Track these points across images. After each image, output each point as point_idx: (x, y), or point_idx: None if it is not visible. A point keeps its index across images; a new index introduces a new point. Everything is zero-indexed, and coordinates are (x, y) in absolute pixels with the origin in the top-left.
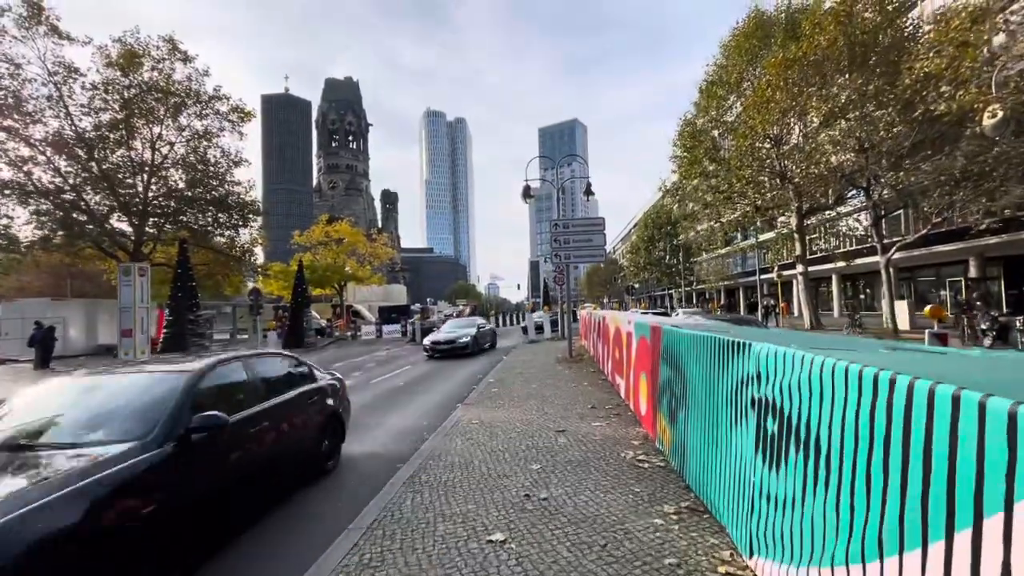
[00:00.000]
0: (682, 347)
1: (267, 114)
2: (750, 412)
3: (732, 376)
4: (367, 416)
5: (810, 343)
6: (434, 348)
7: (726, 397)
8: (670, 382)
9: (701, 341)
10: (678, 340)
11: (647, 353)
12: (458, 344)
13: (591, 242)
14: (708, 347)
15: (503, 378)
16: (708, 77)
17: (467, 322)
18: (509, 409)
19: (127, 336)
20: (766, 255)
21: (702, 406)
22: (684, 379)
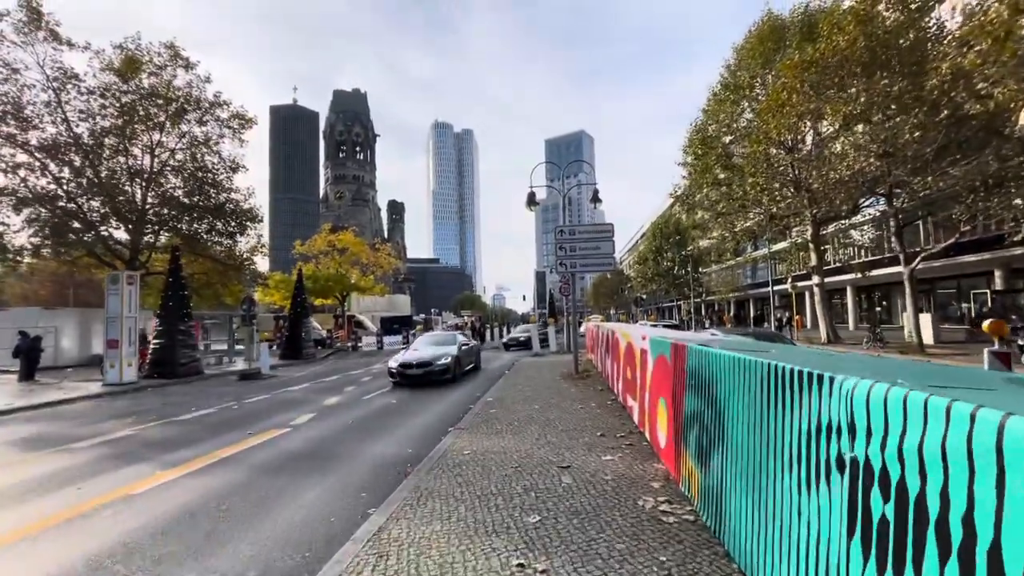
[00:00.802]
0: (718, 372)
1: (275, 125)
2: (836, 477)
3: (801, 420)
4: (348, 442)
5: (900, 374)
6: (402, 373)
7: (790, 447)
8: (699, 414)
9: (748, 367)
10: (711, 363)
11: (667, 375)
12: (435, 368)
13: (599, 250)
14: (759, 376)
15: (503, 397)
16: (721, 81)
17: (446, 337)
18: (507, 436)
19: (113, 348)
20: (778, 266)
21: (749, 452)
22: (720, 413)
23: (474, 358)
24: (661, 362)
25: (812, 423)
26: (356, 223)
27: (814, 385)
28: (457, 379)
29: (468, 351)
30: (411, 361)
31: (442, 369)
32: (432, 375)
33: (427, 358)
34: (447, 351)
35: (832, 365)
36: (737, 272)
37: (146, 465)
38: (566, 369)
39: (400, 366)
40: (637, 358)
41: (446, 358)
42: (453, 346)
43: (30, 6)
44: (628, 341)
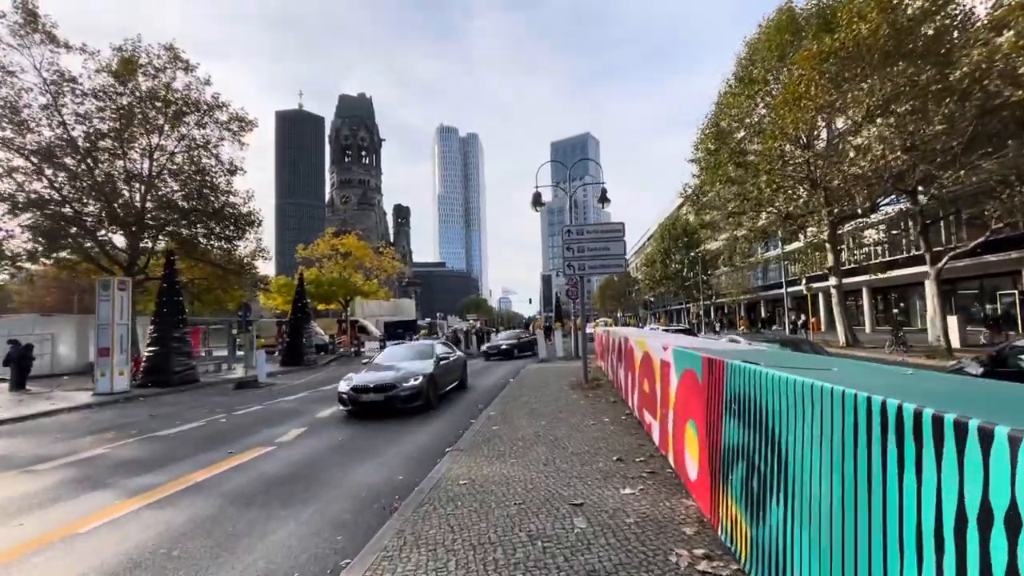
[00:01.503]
0: (774, 400)
1: (281, 130)
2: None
3: (938, 493)
4: (335, 465)
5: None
6: (356, 399)
7: (912, 527)
8: (746, 449)
9: (827, 398)
10: (763, 386)
11: (697, 395)
12: (400, 392)
13: (608, 251)
14: (848, 412)
15: (507, 411)
16: (735, 74)
17: (420, 349)
18: (510, 460)
19: (104, 356)
20: (791, 267)
21: (831, 511)
22: (780, 452)
23: (458, 374)
24: (689, 379)
25: (965, 499)
26: (362, 227)
27: (949, 438)
28: (433, 404)
29: (448, 367)
30: (367, 383)
31: (410, 394)
32: (396, 401)
33: (389, 379)
34: (418, 368)
35: (949, 396)
36: (747, 274)
37: (108, 493)
38: (575, 378)
39: (353, 390)
40: (656, 370)
41: (415, 378)
42: (428, 360)
43: (25, 8)
44: (645, 350)
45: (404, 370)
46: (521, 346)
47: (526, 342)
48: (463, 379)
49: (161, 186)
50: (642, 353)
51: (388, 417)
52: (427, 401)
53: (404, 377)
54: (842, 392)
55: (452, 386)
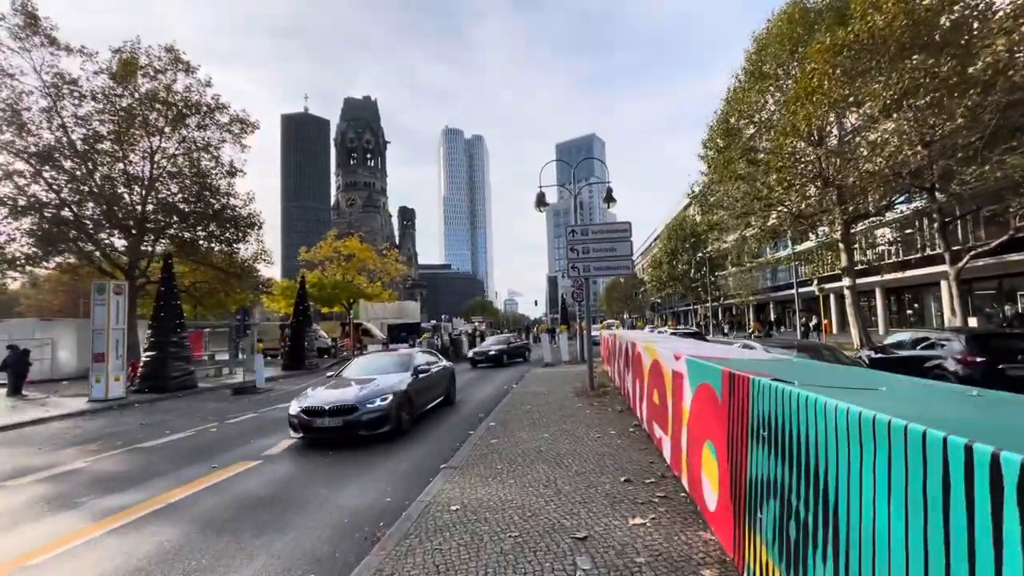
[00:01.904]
0: (819, 432)
1: (287, 133)
2: None
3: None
4: (320, 483)
5: None
6: (308, 424)
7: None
8: (781, 484)
9: (889, 434)
10: (804, 412)
11: (716, 413)
12: (363, 415)
13: (614, 252)
14: (915, 457)
15: (507, 420)
16: (744, 68)
17: (394, 361)
18: (507, 481)
19: (99, 361)
20: (801, 267)
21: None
22: (830, 501)
23: (443, 387)
24: (706, 394)
25: None
26: (368, 230)
27: None
28: (405, 428)
29: (430, 380)
30: (322, 404)
31: (375, 417)
32: (358, 427)
33: (349, 399)
34: (389, 384)
35: None
36: (756, 275)
37: (74, 515)
38: (580, 384)
39: (305, 413)
40: (668, 382)
41: (383, 397)
42: (403, 373)
43: (25, 10)
44: (654, 358)
45: (371, 386)
46: (511, 352)
47: (517, 347)
48: (450, 393)
49: (161, 189)
50: (651, 361)
51: None
52: (398, 425)
53: (369, 396)
54: (905, 428)
55: (436, 402)
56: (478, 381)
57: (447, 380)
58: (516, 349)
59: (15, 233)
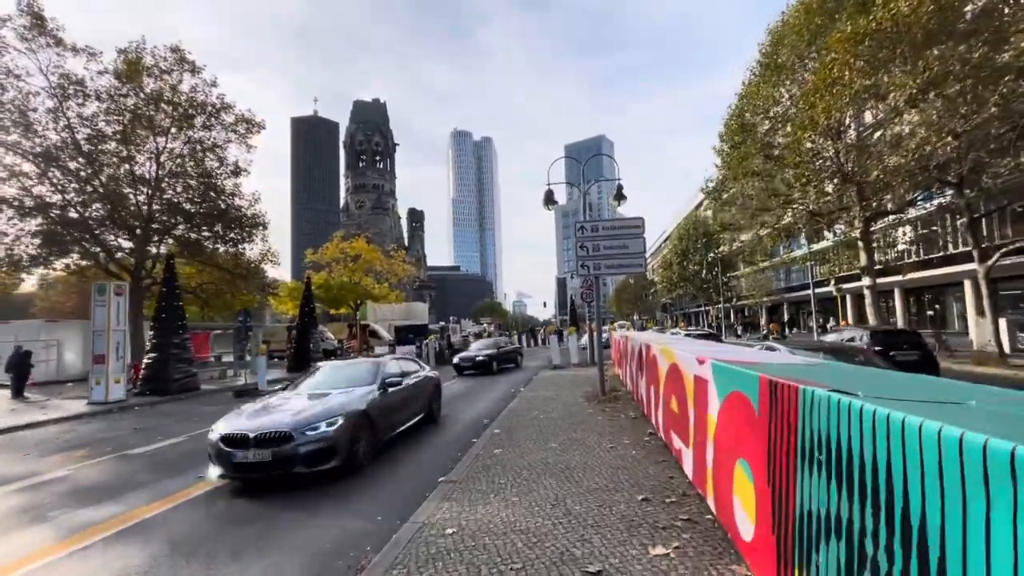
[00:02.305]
0: (905, 462)
1: (296, 136)
2: None
3: None
4: (308, 497)
5: None
6: (230, 458)
7: None
8: (850, 526)
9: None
10: (880, 435)
11: (752, 428)
12: (299, 444)
13: (626, 249)
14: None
15: (513, 427)
16: (759, 61)
17: (355, 373)
18: (510, 499)
19: (99, 363)
20: (817, 267)
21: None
22: (931, 558)
23: (422, 403)
24: (737, 404)
25: None
26: (377, 231)
27: None
28: (361, 461)
29: (401, 397)
30: (245, 431)
31: (316, 449)
32: (292, 462)
33: (283, 424)
34: (341, 403)
35: None
36: (769, 275)
37: (41, 531)
38: (591, 388)
39: (224, 441)
40: (688, 388)
41: (331, 421)
42: (365, 388)
43: (32, 11)
44: (672, 361)
45: (316, 406)
46: (501, 357)
47: (507, 352)
48: (432, 409)
49: (167, 189)
50: (668, 364)
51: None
52: (350, 458)
53: (310, 419)
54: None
55: (413, 421)
56: (468, 394)
57: (428, 393)
58: (507, 354)
59: (20, 234)
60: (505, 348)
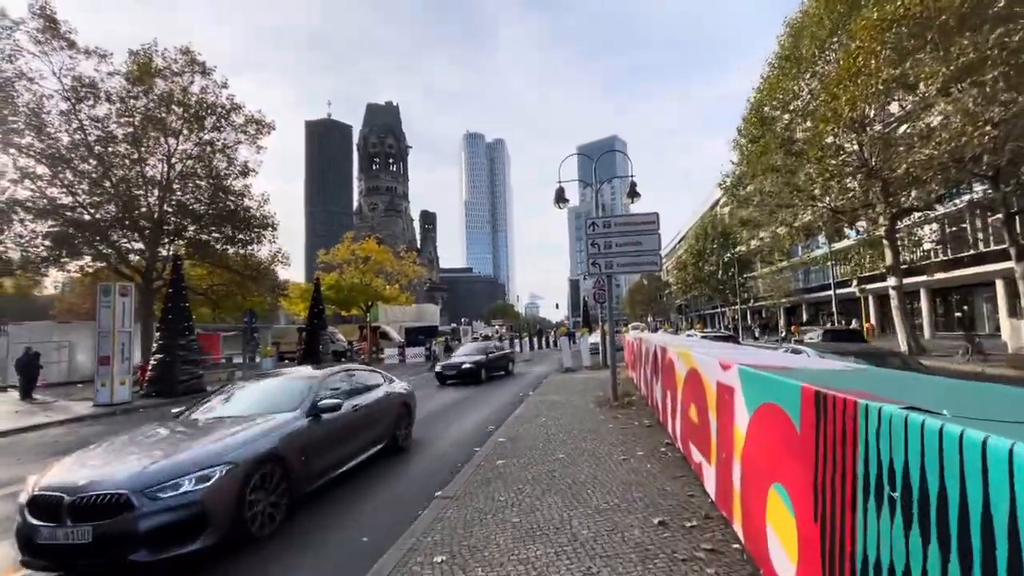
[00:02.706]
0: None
1: (310, 139)
2: None
3: None
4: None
5: None
6: (27, 538)
7: None
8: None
9: None
10: (999, 474)
11: (791, 446)
12: (144, 518)
13: (640, 246)
14: None
15: (518, 435)
16: (778, 53)
17: (291, 389)
18: (510, 519)
19: (104, 365)
20: (840, 267)
21: None
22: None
23: (383, 429)
24: (771, 418)
25: None
26: (390, 233)
27: None
28: (264, 532)
29: (344, 426)
30: (59, 493)
31: (169, 524)
32: (128, 545)
33: (119, 480)
34: (225, 449)
35: None
36: (787, 275)
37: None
38: (602, 393)
39: (33, 507)
40: (710, 396)
41: (206, 474)
42: (279, 419)
43: (44, 14)
44: (691, 366)
45: (189, 449)
46: (491, 364)
47: (498, 358)
48: (397, 434)
49: (177, 191)
50: (687, 369)
51: None
52: (233, 528)
53: (167, 473)
54: None
55: (365, 455)
56: (452, 409)
57: (393, 415)
58: (497, 360)
59: (31, 235)
60: (495, 354)
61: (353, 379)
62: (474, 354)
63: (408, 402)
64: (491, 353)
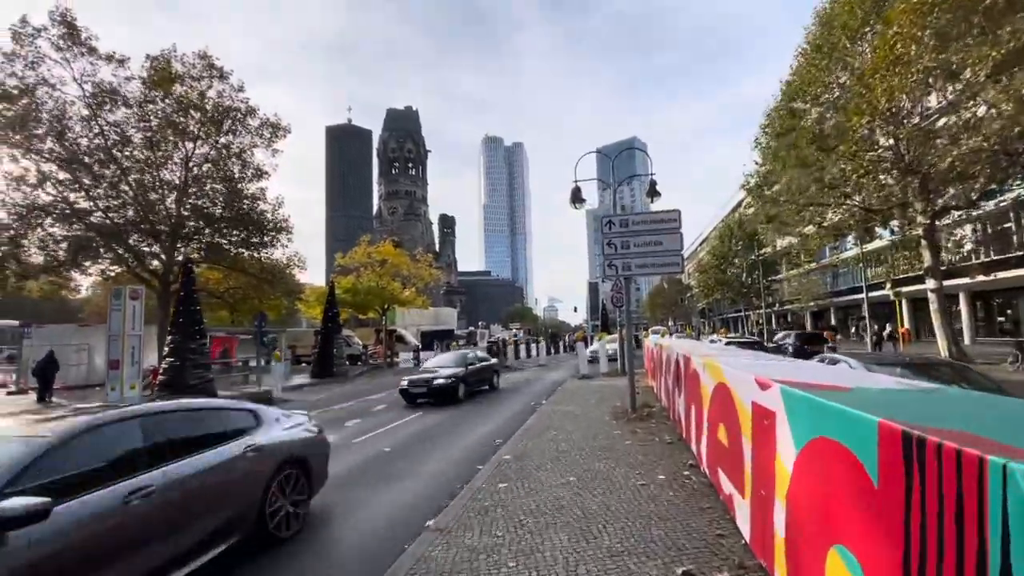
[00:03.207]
0: None
1: (331, 144)
2: None
3: None
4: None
5: None
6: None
7: None
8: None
9: None
10: None
11: (859, 500)
12: None
13: (661, 246)
14: None
15: (525, 452)
16: (809, 42)
17: None
18: (506, 563)
19: (115, 368)
20: (871, 269)
21: None
22: None
23: (217, 519)
24: (830, 459)
25: None
26: (409, 237)
27: None
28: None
29: (87, 539)
30: None
31: None
32: None
33: None
34: None
35: None
36: (815, 278)
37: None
38: (619, 402)
39: None
40: (744, 418)
41: None
42: None
43: (65, 20)
44: (720, 380)
45: None
46: (472, 377)
47: (480, 370)
48: (262, 523)
49: (194, 194)
50: (714, 384)
51: (407, 436)
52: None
53: None
54: None
55: None
56: (413, 447)
57: (253, 484)
58: (478, 373)
59: (50, 239)
60: (477, 365)
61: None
62: (450, 366)
63: (290, 460)
64: (472, 365)
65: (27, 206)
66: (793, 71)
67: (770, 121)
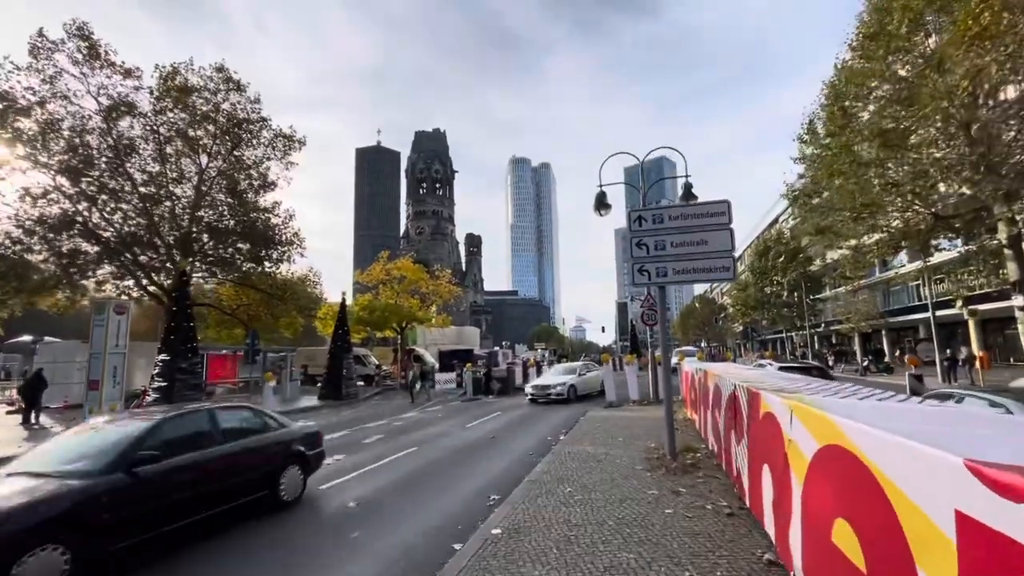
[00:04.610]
0: None
1: (360, 166)
2: None
3: None
4: None
5: None
6: None
7: None
8: None
9: None
10: None
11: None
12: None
13: (707, 245)
14: None
15: (524, 526)
16: (861, 32)
17: None
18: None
19: (94, 389)
20: (927, 286)
21: None
22: None
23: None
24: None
25: None
26: (435, 257)
27: None
28: None
29: None
30: None
31: None
32: None
33: None
34: None
35: None
36: (864, 296)
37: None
38: (654, 443)
39: None
40: (906, 517)
41: None
42: None
43: (82, 35)
44: (834, 442)
45: None
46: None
47: (588, 380)
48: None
49: (206, 207)
50: (817, 445)
51: (407, 474)
52: None
53: None
54: None
55: None
56: (387, 501)
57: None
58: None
59: (58, 251)
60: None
61: None
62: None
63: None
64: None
65: (36, 219)
66: (838, 68)
67: (813, 126)
